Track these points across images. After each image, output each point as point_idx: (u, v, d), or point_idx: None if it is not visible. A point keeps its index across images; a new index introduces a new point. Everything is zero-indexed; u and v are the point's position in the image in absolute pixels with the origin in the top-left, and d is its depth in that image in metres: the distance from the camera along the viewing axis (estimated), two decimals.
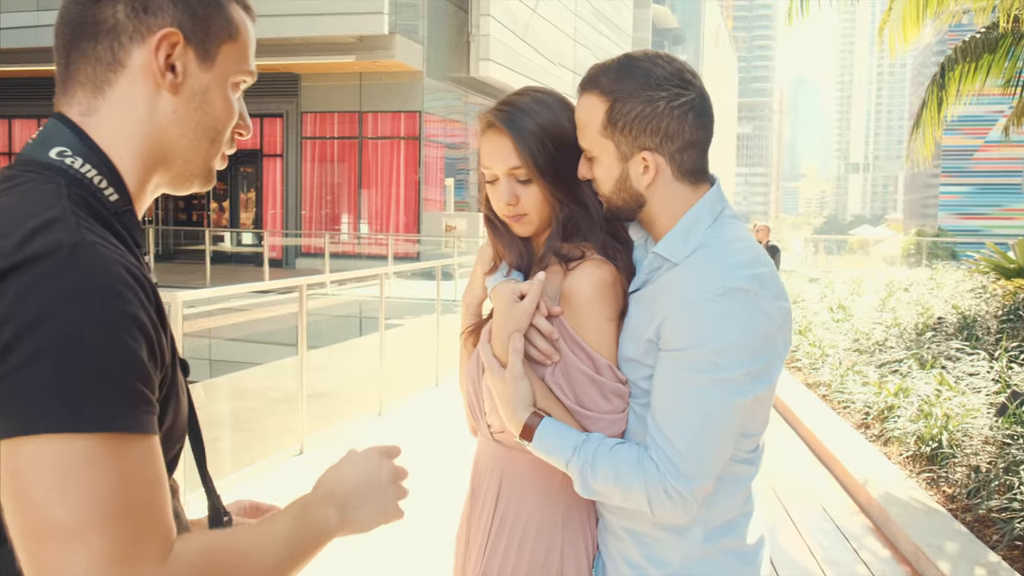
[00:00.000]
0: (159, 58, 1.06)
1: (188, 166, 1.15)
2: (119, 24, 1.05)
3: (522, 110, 1.69)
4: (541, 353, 1.64)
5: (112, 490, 0.86)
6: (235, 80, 1.16)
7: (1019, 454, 5.11)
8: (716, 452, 1.53)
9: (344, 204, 22.42)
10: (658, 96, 1.58)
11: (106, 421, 0.86)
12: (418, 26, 20.70)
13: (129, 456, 0.88)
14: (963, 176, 46.19)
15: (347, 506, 1.21)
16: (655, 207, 1.64)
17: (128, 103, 1.08)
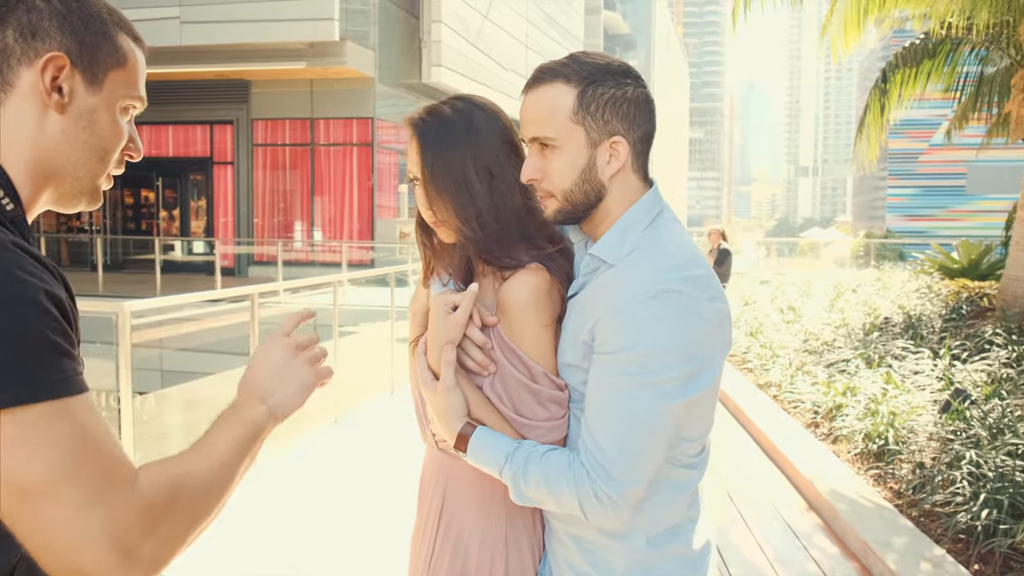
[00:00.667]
0: (45, 79, 1.15)
1: (77, 184, 1.23)
2: (8, 47, 1.14)
3: (437, 115, 1.68)
4: (476, 364, 1.64)
5: (72, 444, 0.96)
6: (124, 104, 1.25)
7: (962, 450, 5.23)
8: (646, 456, 1.52)
9: (297, 211, 22.25)
10: (625, 82, 1.59)
11: (52, 389, 0.96)
12: (369, 32, 20.62)
13: (77, 413, 0.97)
14: (909, 179, 46.97)
15: (270, 395, 1.30)
16: (611, 200, 1.63)
17: (18, 120, 1.16)
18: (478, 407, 1.63)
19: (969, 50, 11.18)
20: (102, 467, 0.98)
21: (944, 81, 11.46)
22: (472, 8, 24.27)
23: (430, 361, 1.66)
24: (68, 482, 0.95)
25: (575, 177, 1.60)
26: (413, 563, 1.82)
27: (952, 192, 44.38)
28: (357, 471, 5.96)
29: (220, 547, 4.49)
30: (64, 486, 0.95)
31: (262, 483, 5.70)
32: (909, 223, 45.61)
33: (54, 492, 0.94)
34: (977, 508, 4.55)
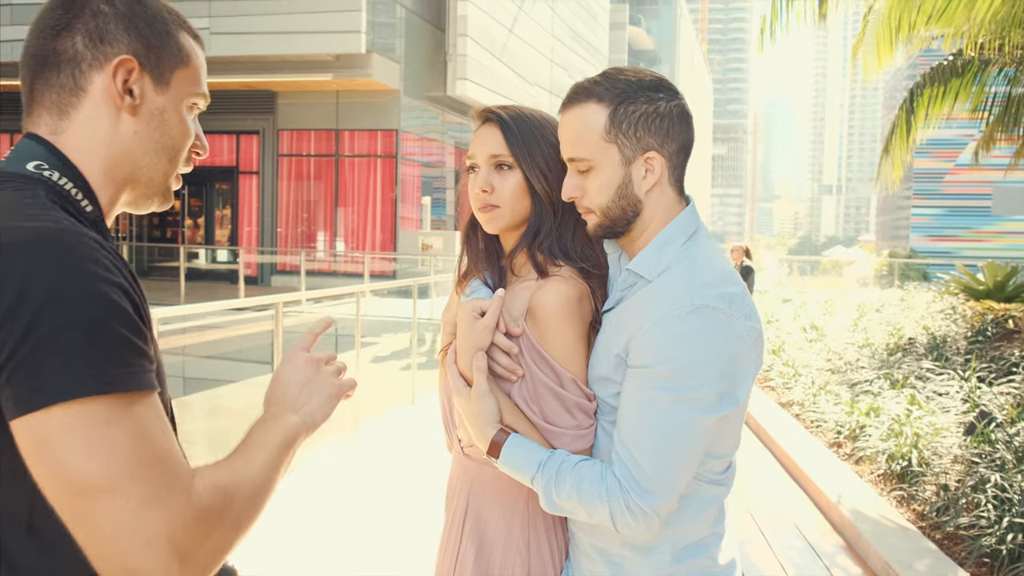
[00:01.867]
0: (117, 82, 1.16)
1: (151, 184, 1.25)
2: (78, 54, 1.15)
3: (517, 110, 1.74)
4: (504, 369, 1.66)
5: (135, 442, 0.96)
6: (189, 102, 1.27)
7: (987, 472, 5.18)
8: (679, 470, 1.54)
9: (320, 222, 22.35)
10: (657, 96, 1.61)
11: (121, 383, 0.96)
12: (395, 45, 20.75)
13: (141, 411, 0.98)
14: (934, 198, 46.69)
15: (300, 406, 1.33)
16: (648, 214, 1.65)
17: (93, 125, 1.17)
18: (508, 413, 1.65)
19: (997, 71, 11.12)
20: (163, 468, 0.98)
21: (972, 101, 11.40)
22: (498, 22, 24.38)
23: (461, 367, 1.68)
24: (129, 481, 0.94)
25: (611, 194, 1.63)
26: (439, 565, 1.84)
27: (977, 213, 44.07)
28: (379, 481, 5.98)
29: (245, 556, 4.51)
30: (125, 485, 0.94)
31: (285, 492, 5.72)
32: (933, 243, 45.32)
33: (114, 490, 0.94)
34: (1002, 532, 4.51)
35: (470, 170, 1.77)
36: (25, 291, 0.93)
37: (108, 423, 0.94)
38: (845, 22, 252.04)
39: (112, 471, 0.94)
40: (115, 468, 0.94)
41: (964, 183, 43.86)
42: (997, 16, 8.03)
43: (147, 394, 0.99)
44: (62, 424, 0.92)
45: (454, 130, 24.77)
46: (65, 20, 1.16)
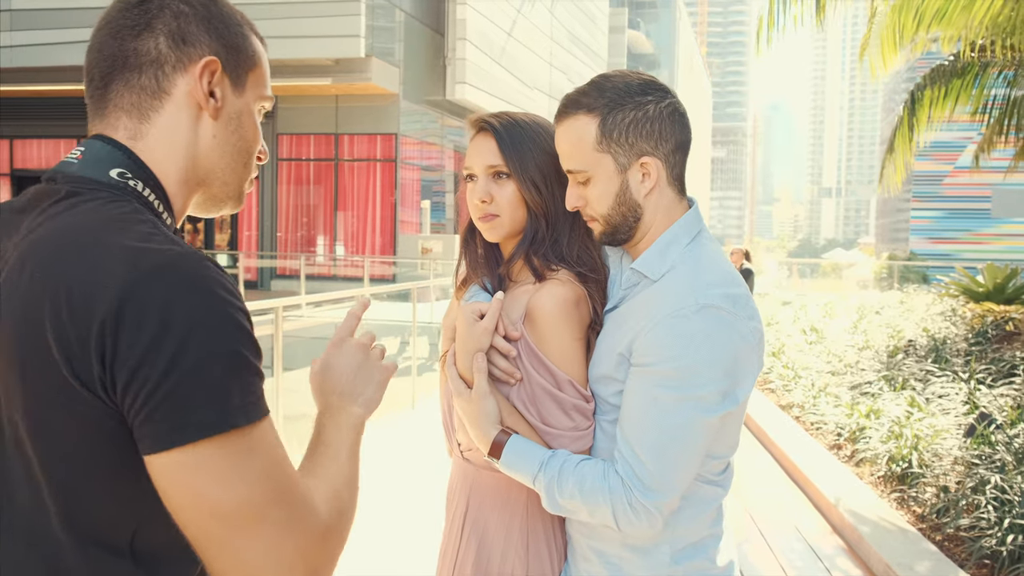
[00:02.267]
0: (203, 84, 1.13)
1: (225, 188, 1.22)
2: (162, 55, 1.11)
3: (512, 117, 1.74)
4: (503, 372, 1.67)
5: (272, 469, 0.97)
6: (259, 106, 1.24)
7: (987, 474, 5.18)
8: (682, 468, 1.54)
9: (320, 226, 22.37)
10: (645, 100, 1.61)
11: (256, 412, 0.97)
12: (394, 49, 20.77)
13: (271, 436, 0.99)
14: (934, 201, 46.81)
15: (359, 395, 1.31)
16: (649, 216, 1.66)
17: (174, 128, 1.13)
18: (508, 415, 1.66)
19: (997, 73, 11.13)
20: (295, 491, 1.00)
21: (972, 104, 11.41)
22: (497, 26, 24.41)
23: (460, 369, 1.69)
24: (271, 508, 0.96)
25: (611, 202, 1.64)
26: (440, 567, 1.84)
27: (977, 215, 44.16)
28: (380, 484, 5.98)
29: None
30: (268, 512, 0.96)
31: None
32: (933, 245, 45.41)
33: (258, 519, 0.95)
34: (1002, 533, 4.51)
35: (468, 179, 1.78)
36: (167, 321, 0.91)
37: (249, 452, 0.95)
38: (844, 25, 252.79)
39: (255, 500, 0.95)
40: (257, 497, 0.95)
41: (963, 186, 43.94)
42: (997, 19, 8.05)
43: (268, 418, 0.99)
44: (208, 457, 0.92)
45: (453, 134, 24.80)
46: (145, 20, 1.12)
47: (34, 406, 0.95)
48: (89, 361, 0.91)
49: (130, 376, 0.90)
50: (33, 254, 0.98)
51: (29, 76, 18.97)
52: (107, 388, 0.92)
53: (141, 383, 0.90)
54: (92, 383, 0.92)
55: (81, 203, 1.03)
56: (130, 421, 0.93)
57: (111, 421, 0.94)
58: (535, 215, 1.72)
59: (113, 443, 0.95)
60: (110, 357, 0.91)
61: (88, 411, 0.94)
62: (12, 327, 0.96)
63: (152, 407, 0.91)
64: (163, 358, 0.90)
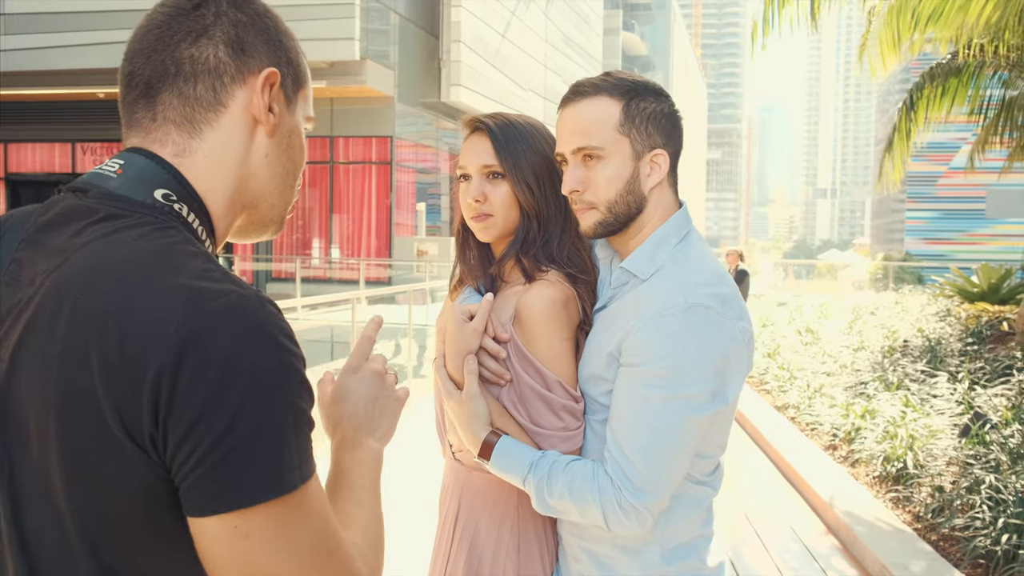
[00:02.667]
0: (264, 97, 1.06)
1: (272, 211, 1.13)
2: (221, 64, 1.03)
3: (506, 118, 1.76)
4: (492, 373, 1.67)
5: (323, 529, 0.93)
6: (305, 126, 1.17)
7: (981, 474, 5.20)
8: (672, 468, 1.54)
9: (315, 229, 22.34)
10: (661, 98, 1.64)
11: (308, 470, 0.91)
12: (389, 52, 20.77)
13: (319, 492, 0.94)
14: (928, 202, 46.87)
15: (376, 427, 1.26)
16: (649, 212, 1.66)
17: (227, 144, 1.05)
18: (498, 416, 1.66)
19: (992, 73, 11.15)
20: (342, 549, 0.96)
21: (969, 104, 11.44)
22: (491, 28, 24.42)
23: (450, 370, 1.69)
24: (320, 571, 0.93)
25: (620, 187, 1.63)
26: (432, 567, 1.85)
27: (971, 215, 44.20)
28: None
29: None
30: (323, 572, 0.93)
31: None
32: (928, 246, 45.47)
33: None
34: (997, 533, 4.52)
35: (461, 179, 1.78)
36: (230, 373, 0.84)
37: (303, 514, 0.90)
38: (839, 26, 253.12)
39: (304, 565, 0.91)
40: (307, 562, 0.91)
41: (958, 186, 43.97)
42: (991, 20, 8.07)
43: (316, 473, 0.94)
44: (261, 522, 0.87)
45: (449, 136, 24.79)
46: (202, 25, 1.03)
47: (71, 455, 0.87)
48: (140, 412, 0.84)
49: (186, 432, 0.84)
50: (76, 286, 0.89)
51: (24, 80, 18.91)
52: (156, 442, 0.85)
53: (197, 441, 0.84)
54: (140, 435, 0.85)
55: (126, 229, 0.94)
56: (178, 479, 0.86)
57: (153, 477, 0.87)
58: (527, 215, 1.73)
59: (152, 500, 0.89)
60: (164, 410, 0.84)
61: (130, 464, 0.86)
62: (53, 367, 0.87)
63: (207, 467, 0.84)
64: (224, 415, 0.84)
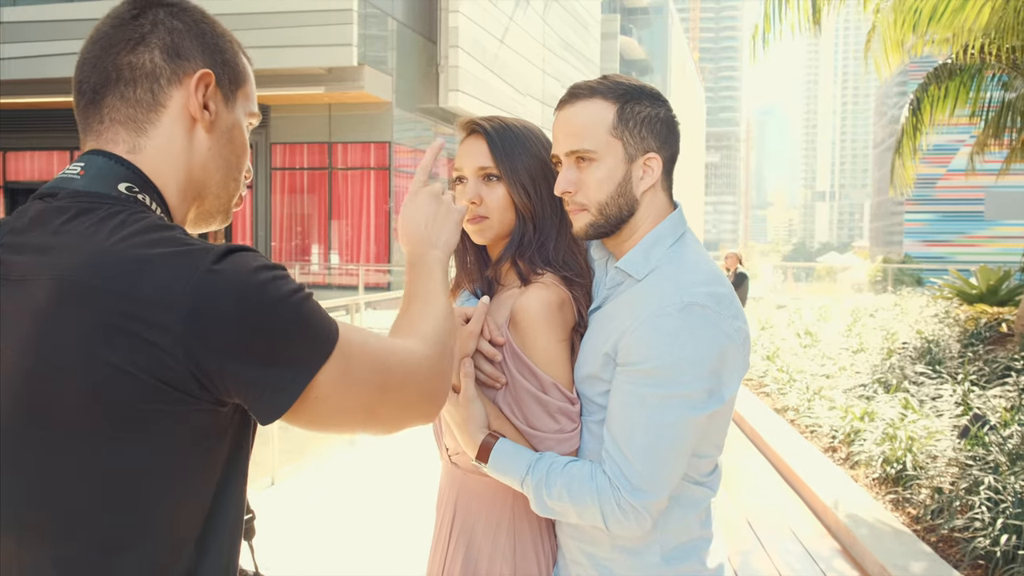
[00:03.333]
0: (198, 96, 1.17)
1: (217, 202, 1.25)
2: (157, 68, 1.14)
3: (503, 121, 1.76)
4: (488, 376, 1.68)
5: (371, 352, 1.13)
6: (247, 122, 1.28)
7: (981, 475, 5.20)
8: (670, 467, 1.54)
9: (314, 235, 22.34)
10: (657, 103, 1.65)
11: (335, 329, 1.09)
12: (387, 58, 20.78)
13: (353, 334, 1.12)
14: (928, 204, 46.84)
15: (437, 241, 1.49)
16: (641, 215, 1.67)
17: (171, 141, 1.16)
18: (495, 419, 1.67)
19: (991, 76, 11.17)
20: (395, 356, 1.16)
21: (970, 107, 11.45)
22: (489, 34, 24.44)
23: None
24: (387, 385, 1.14)
25: (611, 190, 1.64)
26: (430, 567, 1.85)
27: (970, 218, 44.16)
28: (374, 487, 5.98)
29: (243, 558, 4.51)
30: (385, 389, 1.14)
31: (278, 506, 5.73)
32: (927, 248, 45.44)
33: (381, 398, 1.14)
34: (996, 534, 4.52)
35: (457, 182, 1.79)
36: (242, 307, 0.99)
37: (352, 355, 1.09)
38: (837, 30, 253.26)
39: (374, 387, 1.13)
40: (373, 385, 1.13)
41: (957, 188, 43.97)
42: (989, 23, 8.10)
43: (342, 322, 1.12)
44: (326, 381, 1.06)
45: (447, 141, 24.78)
46: (139, 34, 1.14)
47: (110, 422, 0.99)
48: (178, 366, 0.97)
49: (237, 366, 1.00)
50: (78, 274, 0.99)
51: (22, 88, 18.93)
52: (207, 384, 1.00)
53: (249, 366, 1.00)
54: (187, 385, 0.99)
55: (103, 220, 1.04)
56: (249, 400, 1.03)
57: (202, 416, 1.02)
58: (523, 218, 1.74)
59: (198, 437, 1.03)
60: (205, 358, 0.98)
61: (177, 412, 1.00)
62: (77, 353, 0.97)
63: (269, 376, 1.02)
64: (259, 338, 1.00)
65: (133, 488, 1.01)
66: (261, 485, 6.09)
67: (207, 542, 1.08)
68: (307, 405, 1.05)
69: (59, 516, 1.00)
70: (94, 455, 0.99)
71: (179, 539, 1.05)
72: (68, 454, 0.99)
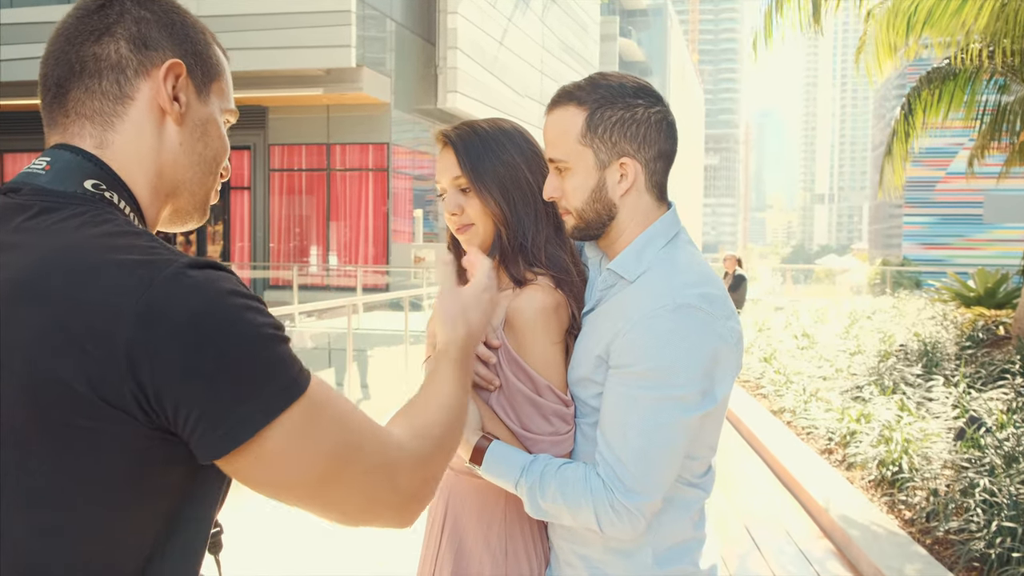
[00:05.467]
0: (167, 87, 1.11)
1: (192, 199, 1.19)
2: (123, 59, 1.09)
3: (471, 129, 1.75)
4: (482, 379, 1.67)
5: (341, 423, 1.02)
6: (224, 118, 1.23)
7: (976, 477, 5.19)
8: (664, 469, 1.54)
9: (312, 236, 22.34)
10: (636, 103, 1.62)
11: (304, 379, 0.98)
12: (386, 59, 20.80)
13: (328, 395, 1.02)
14: (926, 207, 46.90)
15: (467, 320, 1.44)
16: (624, 218, 1.66)
17: (140, 135, 1.10)
18: (488, 421, 1.66)
19: (988, 78, 11.17)
20: (367, 435, 1.05)
21: (965, 109, 11.45)
22: (488, 35, 24.46)
23: None
24: (351, 460, 1.02)
25: (586, 196, 1.64)
26: (420, 569, 1.85)
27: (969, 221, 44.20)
28: None
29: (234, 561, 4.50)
30: (348, 465, 1.01)
31: (273, 510, 5.71)
32: (926, 251, 45.48)
33: (340, 475, 1.01)
34: (991, 536, 4.52)
35: (441, 195, 1.80)
36: (196, 330, 0.90)
37: (316, 416, 0.99)
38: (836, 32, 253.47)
39: (332, 462, 1.01)
40: (333, 459, 1.01)
41: (956, 191, 44.02)
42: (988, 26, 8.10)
43: (315, 377, 1.02)
44: (283, 433, 0.96)
45: None
46: (104, 25, 1.09)
47: (45, 436, 0.91)
48: (120, 384, 0.89)
49: (178, 393, 0.90)
50: (31, 276, 0.93)
51: (20, 90, 18.93)
52: (146, 408, 0.91)
53: (192, 396, 0.90)
54: (126, 405, 0.90)
55: (64, 220, 0.99)
56: (186, 433, 0.92)
57: (143, 440, 0.93)
58: (496, 223, 1.74)
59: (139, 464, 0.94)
60: (148, 378, 0.89)
61: (115, 433, 0.91)
62: (19, 357, 0.91)
63: (212, 413, 0.91)
64: (206, 367, 0.90)
65: (60, 510, 0.93)
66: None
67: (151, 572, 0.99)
68: (254, 455, 0.94)
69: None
70: (20, 469, 0.92)
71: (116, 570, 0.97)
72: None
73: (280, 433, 0.95)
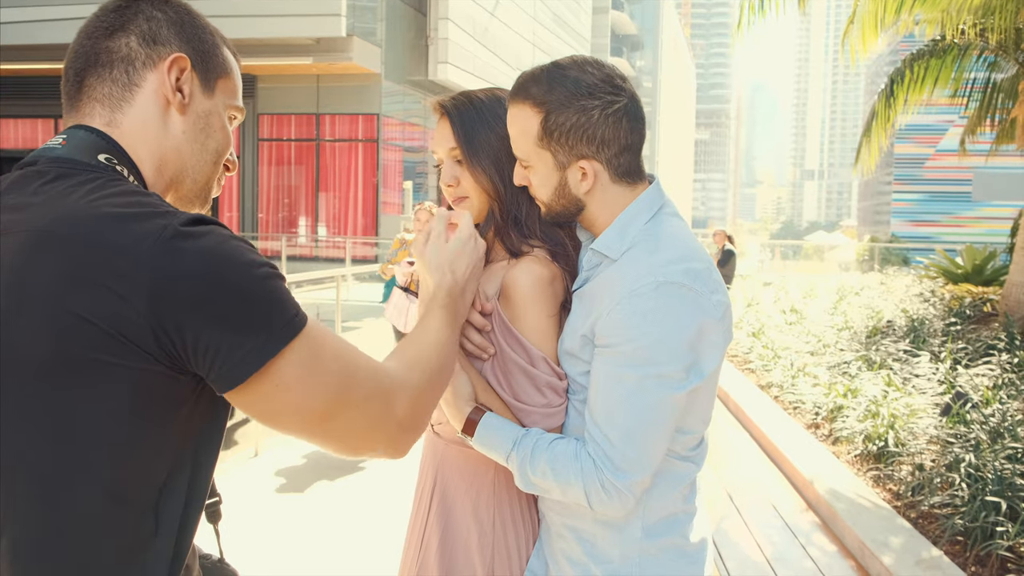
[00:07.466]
0: (171, 78, 1.21)
1: (194, 186, 1.29)
2: (132, 52, 1.20)
3: (467, 100, 1.73)
4: (476, 347, 1.67)
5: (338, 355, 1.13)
6: (229, 113, 1.32)
7: (961, 452, 5.23)
8: (652, 446, 1.54)
9: (301, 207, 22.27)
10: (591, 105, 1.57)
11: (303, 316, 1.09)
12: (376, 29, 20.64)
13: (324, 332, 1.12)
14: (915, 184, 47.04)
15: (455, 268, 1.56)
16: (594, 210, 1.65)
17: (146, 121, 1.21)
18: (482, 392, 1.66)
19: (977, 55, 11.17)
20: (365, 369, 1.16)
21: (952, 87, 11.45)
22: (480, 6, 24.29)
23: None
24: (350, 390, 1.12)
25: (551, 192, 1.65)
26: (407, 542, 1.85)
27: (958, 198, 44.40)
28: (356, 463, 5.98)
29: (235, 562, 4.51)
30: (349, 395, 1.12)
31: (262, 476, 5.73)
32: (914, 228, 45.65)
33: (341, 405, 1.12)
34: (975, 510, 4.56)
35: (437, 165, 1.78)
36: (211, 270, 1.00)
37: (317, 348, 1.09)
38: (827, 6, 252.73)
39: (332, 392, 1.11)
40: (333, 389, 1.11)
41: (945, 169, 44.17)
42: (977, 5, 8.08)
43: (311, 319, 1.11)
44: (287, 365, 1.05)
45: None
46: (119, 22, 1.20)
47: (65, 371, 0.99)
48: (139, 321, 0.98)
49: (200, 323, 0.99)
50: (53, 226, 1.02)
51: (5, 55, 18.76)
52: (164, 342, 0.99)
53: (213, 326, 1.00)
54: (144, 341, 0.99)
55: (80, 184, 1.08)
56: (206, 365, 1.02)
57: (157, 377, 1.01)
58: (490, 197, 1.73)
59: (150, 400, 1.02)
60: (170, 311, 0.98)
61: (131, 368, 1.00)
62: (41, 297, 0.99)
63: (233, 341, 1.01)
64: (221, 302, 1.00)
65: (80, 440, 1.01)
66: (245, 456, 6.09)
67: (160, 512, 1.07)
68: (266, 388, 1.05)
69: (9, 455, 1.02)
70: (43, 402, 1.00)
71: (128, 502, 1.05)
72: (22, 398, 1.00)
73: (290, 361, 1.05)
